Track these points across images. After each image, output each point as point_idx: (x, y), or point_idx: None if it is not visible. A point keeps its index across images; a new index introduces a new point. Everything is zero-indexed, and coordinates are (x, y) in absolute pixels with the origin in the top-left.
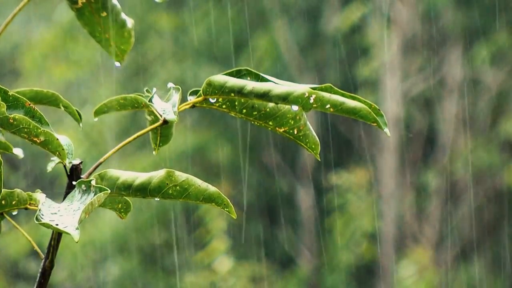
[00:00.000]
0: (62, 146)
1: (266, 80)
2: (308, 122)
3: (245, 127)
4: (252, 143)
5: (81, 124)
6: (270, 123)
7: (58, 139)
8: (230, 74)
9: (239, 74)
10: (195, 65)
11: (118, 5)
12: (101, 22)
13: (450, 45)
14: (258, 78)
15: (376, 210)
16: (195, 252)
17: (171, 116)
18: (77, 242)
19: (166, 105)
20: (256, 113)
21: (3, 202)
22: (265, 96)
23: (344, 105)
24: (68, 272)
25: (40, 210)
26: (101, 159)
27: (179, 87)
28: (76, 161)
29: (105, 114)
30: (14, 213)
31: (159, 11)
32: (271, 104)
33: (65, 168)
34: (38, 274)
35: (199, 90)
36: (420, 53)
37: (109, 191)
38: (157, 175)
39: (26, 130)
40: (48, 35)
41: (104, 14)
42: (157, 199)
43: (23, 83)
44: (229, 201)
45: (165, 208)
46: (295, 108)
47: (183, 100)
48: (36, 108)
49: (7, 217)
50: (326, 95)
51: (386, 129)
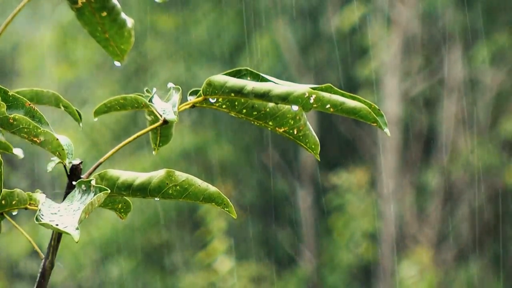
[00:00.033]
0: (62, 146)
1: (266, 80)
2: (308, 122)
3: (245, 127)
4: (252, 143)
5: (81, 124)
6: (270, 123)
7: (58, 139)
8: (230, 74)
9: (239, 74)
10: (195, 65)
11: (118, 5)
12: (101, 22)
13: (450, 45)
14: (258, 78)
15: (376, 210)
16: (196, 252)
17: (171, 116)
18: (77, 242)
19: (166, 105)
20: (256, 113)
21: (3, 202)
22: (265, 96)
23: (344, 105)
24: (68, 272)
25: (40, 210)
26: (101, 159)
27: (179, 87)
28: (76, 161)
29: (105, 114)
30: (14, 213)
31: (159, 11)
32: (271, 104)
33: (65, 168)
34: (38, 274)
35: (199, 90)
36: (420, 53)
37: (109, 191)
38: (157, 175)
39: (26, 130)
40: (48, 35)
41: (104, 14)
42: (157, 199)
43: (23, 83)
44: (229, 201)
45: (166, 208)
46: (295, 108)
47: (183, 100)
48: (36, 108)
49: (7, 217)
50: (326, 95)
51: (386, 129)
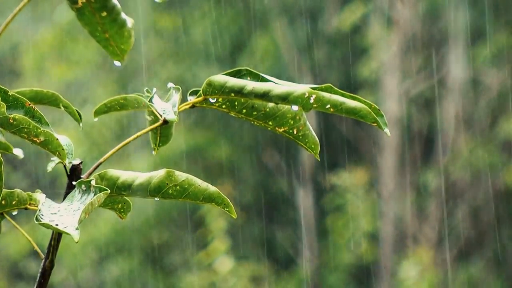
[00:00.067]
0: (62, 146)
1: (266, 80)
2: (308, 122)
3: (245, 127)
4: (252, 143)
5: (81, 124)
6: (270, 123)
7: (58, 139)
8: (230, 74)
9: (239, 74)
10: (195, 65)
11: (118, 5)
12: (101, 22)
13: (450, 45)
14: (258, 78)
15: (376, 210)
16: (196, 252)
17: (171, 116)
18: (77, 242)
19: (166, 105)
20: (256, 113)
21: (3, 202)
22: (265, 96)
23: (344, 105)
24: (68, 272)
25: (40, 210)
26: (101, 159)
27: (179, 87)
28: (76, 161)
29: (105, 114)
30: (14, 213)
31: (159, 11)
32: (271, 104)
33: (65, 168)
34: (38, 274)
35: (199, 90)
36: (420, 53)
37: (109, 191)
38: (157, 175)
39: (26, 130)
40: (48, 35)
41: (104, 14)
42: (157, 199)
43: (23, 83)
44: (229, 201)
45: (166, 208)
46: (295, 108)
47: (183, 100)
48: (36, 108)
49: (7, 217)
50: (326, 95)
51: (386, 129)
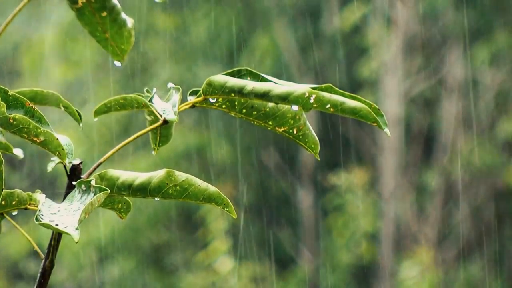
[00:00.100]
0: (62, 146)
1: (266, 80)
2: (308, 122)
3: (245, 127)
4: (252, 143)
5: (81, 124)
6: (270, 123)
7: (58, 139)
8: (230, 74)
9: (239, 74)
10: (195, 65)
11: (118, 5)
12: (101, 22)
13: (450, 45)
14: (258, 78)
15: (376, 210)
16: (196, 252)
17: (171, 116)
18: (77, 243)
19: (166, 105)
20: (256, 113)
21: (3, 203)
22: (265, 96)
23: (344, 105)
24: (68, 272)
25: (40, 211)
26: (101, 159)
27: (179, 87)
28: (76, 161)
29: (105, 114)
30: (14, 213)
31: (159, 11)
32: (271, 104)
33: (65, 168)
34: (38, 274)
35: (199, 90)
36: (420, 53)
37: (109, 191)
38: (157, 175)
39: (26, 130)
40: (48, 35)
41: (104, 14)
42: (157, 199)
43: (23, 83)
44: (229, 201)
45: (166, 208)
46: (295, 108)
47: (183, 100)
48: (36, 108)
49: (7, 217)
50: (326, 95)
51: (386, 129)
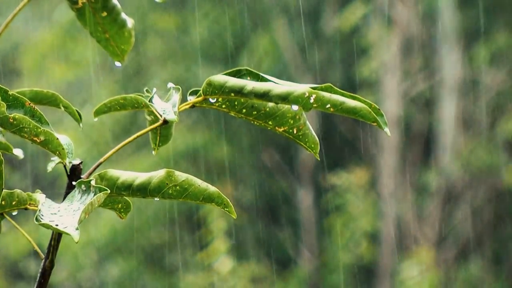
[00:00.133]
0: (62, 146)
1: (266, 80)
2: (308, 122)
3: (245, 127)
4: (252, 143)
5: (81, 124)
6: (270, 123)
7: (58, 139)
8: (230, 74)
9: (239, 74)
10: (195, 65)
11: (118, 5)
12: (102, 22)
13: (450, 45)
14: (258, 78)
15: (376, 210)
16: (196, 253)
17: (171, 116)
18: (77, 243)
19: (166, 105)
20: (256, 113)
21: (3, 203)
22: (265, 96)
23: (344, 105)
24: (68, 272)
25: (40, 211)
26: (101, 159)
27: (179, 87)
28: (76, 161)
29: (105, 114)
30: (14, 213)
31: (159, 11)
32: (271, 104)
33: (65, 168)
34: (38, 274)
35: (199, 90)
36: (420, 53)
37: (109, 191)
38: (157, 175)
39: (26, 130)
40: (48, 35)
41: (104, 14)
42: (157, 199)
43: (23, 83)
44: (229, 201)
45: (167, 209)
46: (295, 108)
47: (183, 100)
48: (36, 108)
49: (7, 217)
50: (326, 95)
51: (386, 129)
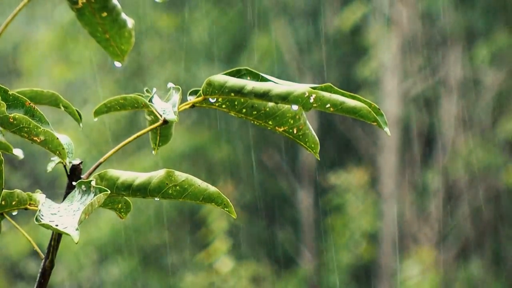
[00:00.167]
0: (62, 145)
1: (266, 80)
2: (308, 122)
3: (245, 127)
4: (252, 143)
5: (81, 124)
6: (270, 123)
7: (58, 138)
8: (230, 74)
9: (239, 74)
10: (195, 65)
11: (119, 5)
12: (102, 22)
13: (450, 45)
14: (258, 78)
15: (376, 210)
16: (197, 252)
17: (171, 116)
18: (77, 243)
19: (166, 105)
20: (256, 113)
21: (3, 203)
22: (265, 96)
23: (344, 105)
24: (68, 272)
25: (40, 211)
26: (101, 159)
27: (179, 87)
28: (76, 161)
29: (105, 114)
30: (14, 213)
31: (159, 11)
32: (271, 104)
33: (65, 168)
34: (38, 274)
35: (199, 90)
36: (420, 53)
37: (109, 192)
38: (157, 175)
39: (26, 130)
40: (48, 35)
41: (105, 14)
42: (157, 199)
43: (23, 83)
44: (229, 201)
45: (167, 209)
46: (295, 108)
47: (183, 100)
48: (36, 108)
49: (7, 217)
50: (326, 95)
51: (386, 129)
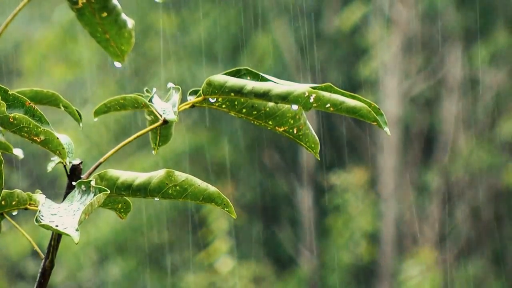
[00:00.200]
0: (62, 145)
1: (266, 80)
2: (308, 122)
3: (245, 127)
4: (252, 143)
5: (81, 124)
6: (270, 123)
7: (58, 138)
8: (230, 74)
9: (239, 74)
10: (195, 65)
11: (119, 6)
12: (102, 23)
13: (450, 45)
14: (258, 78)
15: (376, 210)
16: (197, 252)
17: (171, 116)
18: (77, 243)
19: (166, 105)
20: (256, 113)
21: (3, 203)
22: (265, 96)
23: (344, 104)
24: (68, 272)
25: (40, 211)
26: (101, 159)
27: (179, 87)
28: (76, 161)
29: (105, 114)
30: (14, 213)
31: (159, 11)
32: (271, 104)
33: (65, 168)
34: (38, 274)
35: (199, 90)
36: (420, 53)
37: (109, 192)
38: (157, 175)
39: (26, 129)
40: (48, 35)
41: (105, 15)
42: (157, 199)
43: (23, 83)
44: (229, 201)
45: (167, 208)
46: (295, 108)
47: (183, 100)
48: (36, 107)
49: (7, 217)
50: (326, 94)
51: (386, 128)
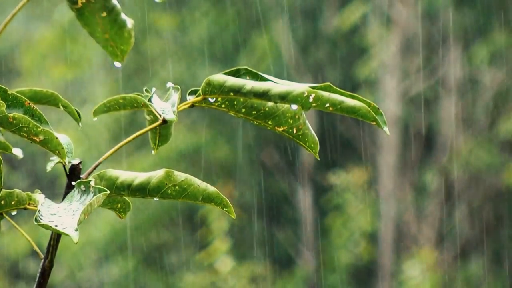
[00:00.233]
0: (62, 145)
1: (265, 79)
2: (307, 122)
3: (245, 127)
4: (252, 143)
5: (81, 124)
6: (269, 123)
7: (58, 138)
8: (229, 74)
9: (238, 74)
10: (195, 65)
11: (118, 5)
12: (101, 23)
13: (449, 45)
14: (257, 78)
15: (375, 210)
16: (197, 252)
17: (171, 116)
18: (76, 244)
19: (166, 105)
20: (255, 113)
21: (2, 202)
22: (264, 95)
23: (344, 104)
24: (68, 272)
25: (39, 211)
26: (101, 159)
27: (178, 87)
28: (76, 161)
29: (105, 114)
30: (14, 213)
31: (159, 11)
32: (270, 104)
33: (65, 168)
34: (38, 274)
35: (198, 90)
36: (420, 53)
37: (108, 192)
38: (156, 175)
39: (26, 129)
40: (48, 35)
41: (104, 15)
42: (156, 199)
43: (23, 83)
44: (228, 201)
45: (167, 208)
46: (295, 107)
47: (183, 100)
48: (36, 107)
49: (7, 217)
50: (326, 94)
51: (386, 128)
